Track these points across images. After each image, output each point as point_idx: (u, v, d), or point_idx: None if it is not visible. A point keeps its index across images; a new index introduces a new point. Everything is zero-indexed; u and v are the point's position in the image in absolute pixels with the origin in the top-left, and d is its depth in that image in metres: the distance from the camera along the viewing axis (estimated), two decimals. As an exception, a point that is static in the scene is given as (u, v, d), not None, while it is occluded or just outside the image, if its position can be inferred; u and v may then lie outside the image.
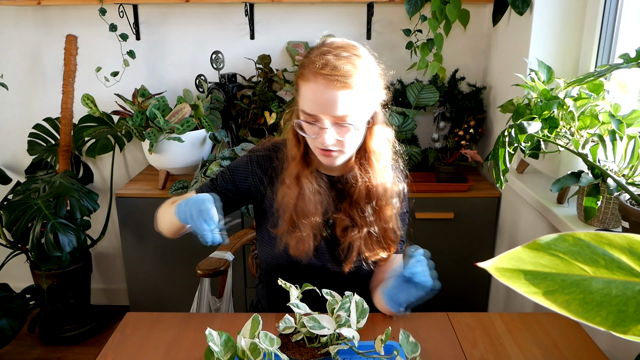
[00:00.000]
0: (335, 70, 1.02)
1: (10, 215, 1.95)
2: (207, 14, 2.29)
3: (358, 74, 1.03)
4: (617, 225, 1.37)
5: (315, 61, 1.04)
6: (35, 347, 2.31)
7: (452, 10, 1.93)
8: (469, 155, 2.03)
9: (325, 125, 1.04)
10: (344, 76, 1.02)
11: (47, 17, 2.31)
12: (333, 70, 1.02)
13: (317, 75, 1.02)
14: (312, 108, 1.05)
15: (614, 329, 0.46)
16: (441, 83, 2.21)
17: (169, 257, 2.15)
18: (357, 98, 1.04)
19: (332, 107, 1.03)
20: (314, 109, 1.05)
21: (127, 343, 1.08)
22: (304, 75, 1.05)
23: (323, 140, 1.05)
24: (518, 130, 1.18)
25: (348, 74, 1.02)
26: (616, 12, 1.57)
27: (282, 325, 0.95)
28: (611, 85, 1.39)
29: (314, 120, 1.06)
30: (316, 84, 1.02)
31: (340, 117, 1.04)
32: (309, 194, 1.14)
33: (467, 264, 2.09)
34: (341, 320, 0.93)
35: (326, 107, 1.03)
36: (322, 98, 1.03)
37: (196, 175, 2.03)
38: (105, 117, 2.28)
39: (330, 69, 1.02)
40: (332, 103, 1.03)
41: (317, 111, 1.04)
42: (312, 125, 1.06)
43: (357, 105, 1.05)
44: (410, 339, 0.94)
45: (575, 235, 0.50)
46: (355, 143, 1.11)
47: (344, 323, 0.93)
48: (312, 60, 1.05)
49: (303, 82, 1.06)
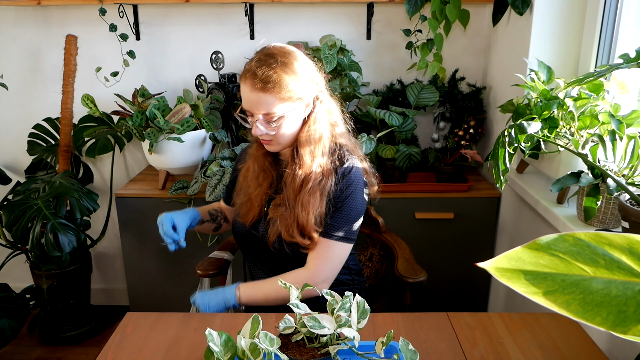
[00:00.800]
0: (255, 77, 1.20)
1: (10, 215, 1.95)
2: (207, 14, 2.29)
3: (278, 79, 1.20)
4: (617, 226, 1.37)
5: (245, 67, 1.24)
6: (35, 347, 2.31)
7: (452, 10, 1.93)
8: (469, 156, 2.03)
9: (255, 119, 1.24)
10: (263, 81, 1.19)
11: (47, 17, 2.31)
12: (254, 77, 1.20)
13: (244, 79, 1.23)
14: (245, 104, 1.26)
15: (614, 329, 0.46)
16: (441, 83, 2.21)
17: (169, 257, 2.15)
18: (277, 99, 1.21)
19: (256, 106, 1.23)
20: (245, 106, 1.26)
21: (127, 343, 1.08)
22: (242, 75, 1.25)
23: (254, 132, 1.25)
24: (518, 131, 1.18)
25: (267, 79, 1.20)
26: (616, 12, 1.57)
27: (282, 325, 0.95)
28: (611, 85, 1.39)
29: (249, 115, 1.27)
30: (244, 86, 1.23)
31: (266, 114, 1.23)
32: (257, 169, 1.37)
33: (467, 264, 2.09)
34: (341, 321, 0.93)
35: (252, 105, 1.23)
36: (249, 98, 1.23)
37: (196, 176, 2.03)
38: (105, 117, 2.28)
39: (251, 75, 1.21)
40: (255, 103, 1.22)
41: (248, 108, 1.25)
42: (248, 118, 1.28)
43: (279, 105, 1.22)
44: (410, 346, 0.94)
45: (575, 236, 0.50)
46: (285, 135, 1.27)
47: (344, 323, 0.93)
48: (245, 66, 1.25)
49: (241, 81, 1.25)
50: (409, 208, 2.03)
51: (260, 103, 1.21)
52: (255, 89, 1.20)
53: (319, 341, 0.96)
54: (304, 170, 1.28)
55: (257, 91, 1.20)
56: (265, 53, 1.24)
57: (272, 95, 1.20)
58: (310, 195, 1.27)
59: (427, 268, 1.57)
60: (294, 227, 1.27)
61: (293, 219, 1.28)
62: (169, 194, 2.04)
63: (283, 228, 1.29)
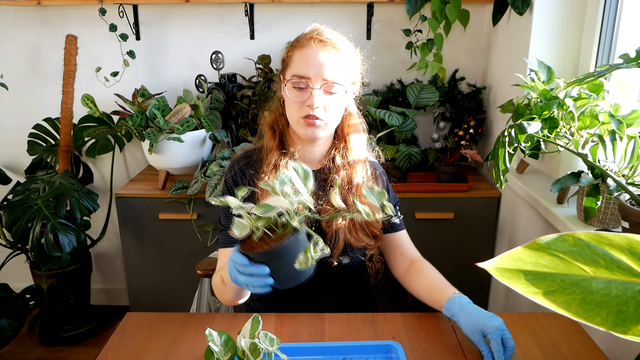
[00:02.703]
0: (328, 38, 1.14)
1: (10, 215, 1.95)
2: (207, 14, 2.29)
3: (346, 47, 1.17)
4: (617, 225, 1.37)
5: (310, 32, 1.16)
6: (35, 347, 2.31)
7: (452, 10, 1.93)
8: (469, 156, 2.03)
9: (315, 86, 1.12)
10: (336, 43, 1.14)
11: (47, 17, 2.31)
12: (327, 37, 1.14)
13: (310, 40, 1.14)
14: (304, 70, 1.13)
15: (614, 329, 0.46)
16: (441, 83, 2.21)
17: (169, 257, 2.15)
18: (344, 66, 1.15)
19: (323, 68, 1.12)
20: (305, 71, 1.13)
21: (127, 343, 1.08)
22: (298, 44, 1.16)
23: (312, 101, 1.12)
24: (518, 130, 1.18)
25: (339, 43, 1.15)
26: (616, 12, 1.57)
27: (235, 230, 0.86)
28: (611, 85, 1.39)
29: (304, 84, 1.13)
30: (309, 48, 1.13)
31: (329, 81, 1.13)
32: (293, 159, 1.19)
33: (467, 264, 2.09)
34: (289, 194, 0.86)
35: (318, 68, 1.12)
36: (315, 60, 1.12)
37: (196, 176, 2.03)
38: (105, 117, 2.28)
39: (324, 36, 1.14)
40: (324, 64, 1.12)
41: (309, 72, 1.12)
42: (301, 90, 1.14)
43: (343, 73, 1.15)
44: (376, 189, 0.94)
45: (575, 236, 0.50)
46: (337, 115, 1.18)
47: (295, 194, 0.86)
48: (306, 33, 1.17)
49: (296, 50, 1.15)
50: (409, 208, 2.03)
51: (330, 65, 1.13)
52: (324, 48, 1.13)
53: (282, 227, 0.90)
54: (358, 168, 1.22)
55: (327, 51, 1.13)
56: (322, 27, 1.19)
57: (341, 59, 1.14)
58: None
59: (427, 268, 1.57)
60: (357, 230, 1.20)
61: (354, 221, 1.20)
62: (169, 194, 2.04)
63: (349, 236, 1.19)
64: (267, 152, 1.23)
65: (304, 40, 1.15)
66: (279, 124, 1.25)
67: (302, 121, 1.15)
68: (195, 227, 2.07)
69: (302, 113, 1.14)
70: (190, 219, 2.06)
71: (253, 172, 1.24)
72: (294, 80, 1.14)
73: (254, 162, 1.25)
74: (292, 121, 1.19)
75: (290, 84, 1.15)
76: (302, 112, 1.14)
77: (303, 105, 1.14)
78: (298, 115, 1.15)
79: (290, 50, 1.18)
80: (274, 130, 1.24)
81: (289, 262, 0.87)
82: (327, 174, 1.22)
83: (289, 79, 1.15)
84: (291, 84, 1.15)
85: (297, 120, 1.16)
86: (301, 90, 1.14)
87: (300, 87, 1.14)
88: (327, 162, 1.24)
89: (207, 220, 2.09)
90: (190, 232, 2.09)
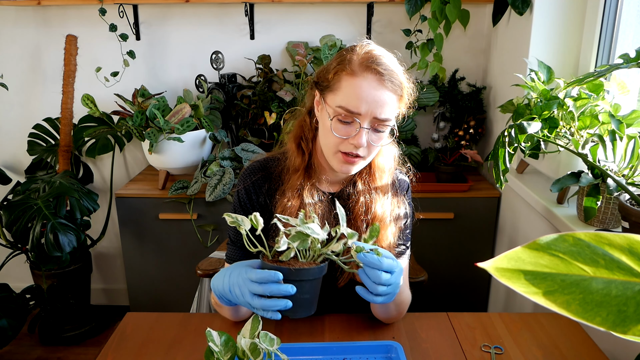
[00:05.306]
0: (385, 70, 1.00)
1: (10, 215, 1.95)
2: (207, 14, 2.29)
3: (402, 79, 1.04)
4: (617, 225, 1.37)
5: (365, 57, 1.01)
6: (35, 347, 2.31)
7: (452, 10, 1.93)
8: (469, 156, 2.03)
9: (364, 126, 1.00)
10: (393, 77, 1.01)
11: (47, 17, 2.31)
12: (384, 69, 0.99)
13: (366, 70, 0.99)
14: (355, 105, 0.99)
15: (614, 329, 0.46)
16: (441, 83, 2.21)
17: (169, 257, 2.15)
18: (398, 102, 1.03)
19: (377, 107, 0.99)
20: (357, 107, 0.99)
21: (127, 343, 1.08)
22: (349, 68, 1.00)
23: (359, 142, 1.00)
24: (518, 130, 1.18)
25: (396, 76, 1.01)
26: (616, 12, 1.57)
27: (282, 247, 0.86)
28: (611, 85, 1.39)
29: (351, 119, 1.00)
30: (363, 80, 0.99)
31: (382, 120, 1.01)
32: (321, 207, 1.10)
33: (467, 264, 2.09)
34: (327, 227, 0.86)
35: (372, 106, 0.99)
36: (369, 96, 0.98)
37: (196, 176, 2.03)
38: (105, 117, 2.28)
39: (381, 67, 1.00)
40: (381, 103, 0.99)
41: (361, 109, 0.99)
42: (347, 125, 1.01)
43: (396, 109, 1.04)
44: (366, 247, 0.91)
45: (575, 236, 0.50)
46: (377, 150, 1.08)
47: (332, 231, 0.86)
48: (360, 56, 1.02)
49: (346, 76, 1.00)
50: (409, 208, 2.03)
51: (385, 104, 0.99)
52: (381, 83, 0.99)
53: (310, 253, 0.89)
54: (379, 198, 1.12)
55: (384, 88, 0.99)
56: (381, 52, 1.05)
57: (397, 94, 1.02)
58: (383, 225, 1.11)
59: (427, 268, 1.57)
60: None
61: None
62: (169, 194, 2.04)
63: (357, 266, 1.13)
64: (291, 172, 1.11)
65: (357, 66, 1.00)
66: (307, 142, 1.13)
67: (340, 156, 1.04)
68: (195, 227, 2.07)
69: (342, 148, 1.03)
70: (191, 219, 2.06)
71: (269, 187, 1.14)
72: (340, 111, 1.00)
73: (271, 177, 1.14)
74: (326, 150, 1.07)
75: (335, 116, 1.02)
76: (342, 147, 1.03)
77: (345, 141, 1.02)
78: (337, 149, 1.04)
79: (339, 71, 1.02)
80: (301, 148, 1.12)
81: (313, 288, 0.87)
82: (347, 199, 1.14)
83: (335, 108, 1.01)
84: (336, 116, 1.01)
85: (335, 153, 1.05)
86: (347, 124, 1.01)
87: (346, 121, 1.01)
88: (348, 186, 1.14)
89: (207, 220, 2.09)
90: (190, 232, 2.09)
